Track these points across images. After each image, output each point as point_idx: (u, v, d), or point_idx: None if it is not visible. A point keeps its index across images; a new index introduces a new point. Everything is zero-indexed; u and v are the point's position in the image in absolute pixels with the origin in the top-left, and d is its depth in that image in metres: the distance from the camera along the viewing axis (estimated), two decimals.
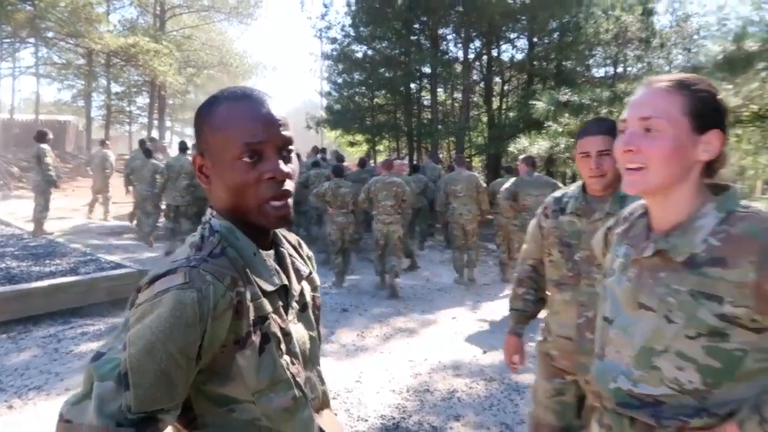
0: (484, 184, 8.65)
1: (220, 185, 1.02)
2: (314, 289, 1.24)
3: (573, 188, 2.21)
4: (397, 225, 7.15)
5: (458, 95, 19.30)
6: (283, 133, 1.00)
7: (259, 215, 1.00)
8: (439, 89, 19.10)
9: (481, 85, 19.23)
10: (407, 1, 16.16)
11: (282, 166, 0.99)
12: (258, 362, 0.96)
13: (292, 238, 1.26)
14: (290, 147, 1.02)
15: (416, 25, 17.69)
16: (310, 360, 1.14)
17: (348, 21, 18.09)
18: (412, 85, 19.26)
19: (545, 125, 7.29)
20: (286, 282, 1.08)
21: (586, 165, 2.04)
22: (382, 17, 16.49)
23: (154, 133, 23.96)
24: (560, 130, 7.21)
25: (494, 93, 19.11)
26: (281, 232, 1.19)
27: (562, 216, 2.16)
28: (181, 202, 9.20)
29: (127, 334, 0.90)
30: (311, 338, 1.15)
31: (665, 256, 1.14)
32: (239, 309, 0.94)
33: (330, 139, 28.35)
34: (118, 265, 6.56)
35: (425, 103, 20.29)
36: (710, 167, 1.17)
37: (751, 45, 4.75)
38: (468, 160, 18.64)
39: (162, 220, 10.01)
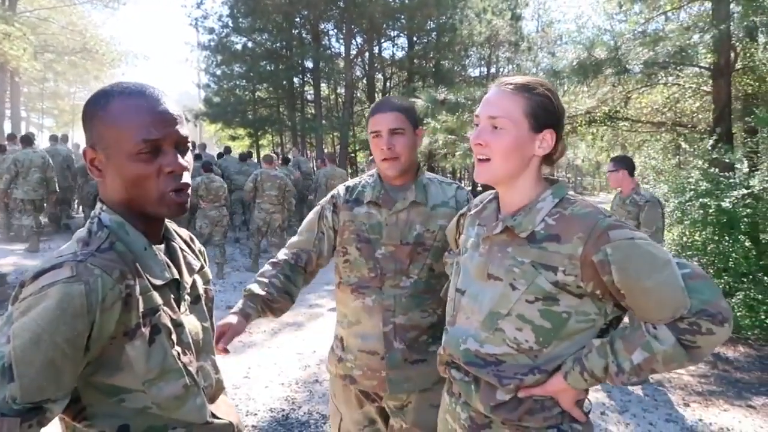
0: None
1: (116, 178, 1.04)
2: (206, 282, 1.28)
3: (366, 177, 1.96)
4: (278, 214, 7.79)
5: (342, 91, 19.43)
6: (180, 130, 1.06)
7: (160, 205, 1.04)
8: (322, 84, 19.10)
9: (364, 81, 19.52)
10: None
11: (180, 160, 1.04)
12: (148, 352, 1.00)
13: (184, 233, 1.29)
14: (187, 143, 1.08)
15: (297, 19, 17.53)
16: (204, 349, 1.17)
17: (226, 11, 17.51)
18: (295, 80, 19.08)
19: (424, 122, 7.63)
20: (177, 276, 1.11)
21: (378, 145, 1.79)
22: (262, 9, 16.15)
23: (7, 125, 21.63)
24: (438, 126, 7.59)
25: (377, 89, 19.48)
26: (173, 227, 1.23)
27: (357, 207, 1.87)
28: (35, 196, 8.81)
29: (10, 328, 0.89)
30: (204, 329, 1.19)
31: (512, 233, 1.31)
32: (128, 301, 0.97)
33: (210, 133, 27.32)
34: None
35: (309, 97, 20.21)
36: (549, 158, 1.36)
37: (599, 53, 5.33)
38: (352, 155, 18.89)
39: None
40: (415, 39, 18.51)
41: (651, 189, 6.16)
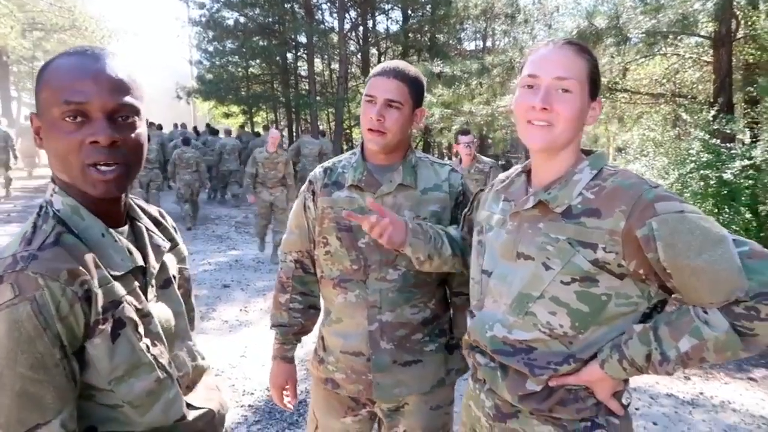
0: None
1: (49, 150, 0.93)
2: (181, 260, 1.20)
3: (346, 155, 1.75)
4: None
5: (336, 66, 19.16)
6: (117, 96, 0.92)
7: (85, 182, 0.92)
8: (316, 60, 18.81)
9: (359, 56, 19.23)
10: None
11: (107, 130, 0.90)
12: (111, 349, 0.91)
13: (153, 210, 1.19)
14: (129, 113, 0.94)
15: None
16: (178, 336, 1.10)
17: None
18: (289, 55, 18.80)
19: None
20: (141, 262, 1.02)
21: (368, 112, 1.56)
22: None
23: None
24: (434, 100, 7.46)
25: (371, 64, 19.21)
26: (139, 204, 1.13)
27: (338, 192, 1.66)
28: None
29: None
30: (177, 314, 1.10)
31: (545, 207, 1.19)
32: (89, 297, 0.89)
33: (203, 110, 27.00)
34: None
35: (302, 73, 19.93)
36: None
37: (599, 22, 5.19)
38: (347, 131, 18.69)
39: None
40: (409, 12, 18.17)
41: (650, 161, 6.08)
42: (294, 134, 20.66)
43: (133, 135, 0.95)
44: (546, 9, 22.11)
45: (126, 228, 1.03)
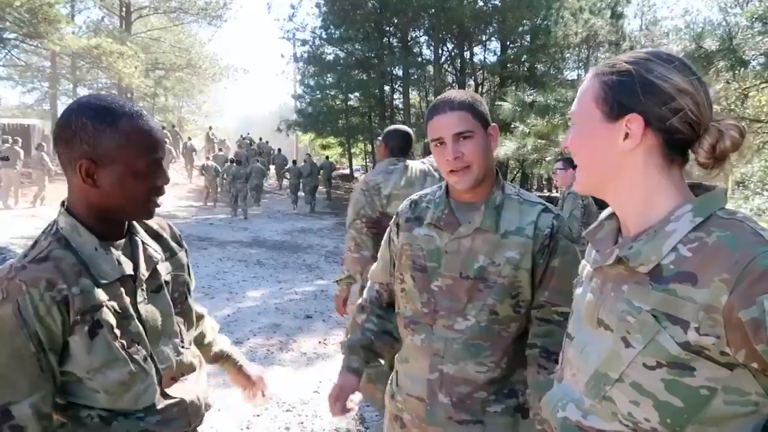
0: None
1: (115, 189, 1.15)
2: (178, 268, 1.37)
3: (435, 188, 1.67)
4: None
5: (432, 98, 19.27)
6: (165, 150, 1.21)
7: (142, 212, 1.21)
8: (413, 92, 19.05)
9: (455, 87, 19.25)
10: (377, 3, 16.08)
11: (168, 175, 1.22)
12: (89, 345, 1.10)
13: (156, 224, 1.38)
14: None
15: (387, 27, 17.62)
16: (165, 333, 1.27)
17: (318, 23, 17.98)
18: (386, 88, 19.19)
19: (512, 126, 7.25)
20: (130, 272, 1.19)
21: (442, 156, 1.48)
22: (353, 19, 16.40)
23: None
24: (527, 131, 7.18)
25: None
26: (143, 223, 1.33)
27: (418, 228, 1.59)
28: None
29: None
30: (165, 315, 1.27)
31: (629, 266, 0.94)
32: (67, 301, 1.08)
33: (304, 142, 28.15)
34: None
35: (399, 105, 20.24)
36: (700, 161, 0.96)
37: (710, 44, 4.73)
38: None
39: None
40: (507, 43, 17.99)
41: None
42: None
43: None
44: (654, 35, 21.09)
45: (122, 241, 1.22)
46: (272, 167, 20.36)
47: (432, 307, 1.51)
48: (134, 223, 1.27)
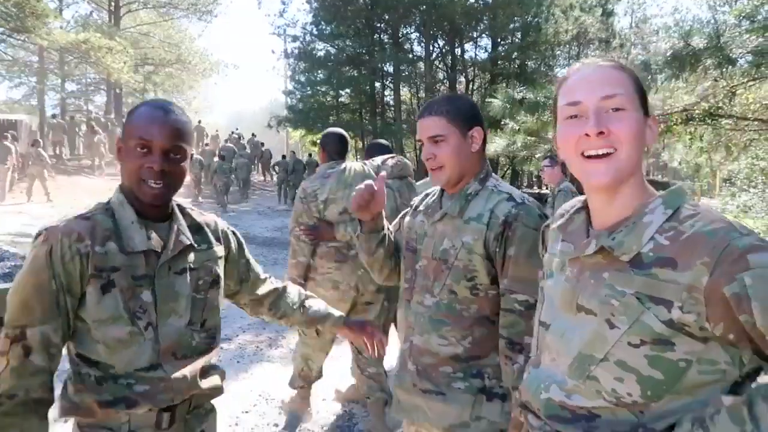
0: None
1: (125, 165, 1.35)
2: (211, 259, 1.50)
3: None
4: None
5: (423, 94, 19.27)
6: (173, 140, 1.32)
7: (139, 191, 1.33)
8: (404, 88, 19.04)
9: (446, 83, 19.25)
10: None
11: (158, 162, 1.30)
12: (99, 298, 1.28)
13: (206, 219, 1.54)
14: (178, 153, 1.34)
15: (379, 24, 17.59)
16: (175, 312, 1.39)
17: (309, 19, 17.93)
18: (377, 84, 19.16)
19: (502, 123, 7.24)
20: (157, 249, 1.36)
21: (423, 156, 1.65)
22: (344, 15, 16.36)
23: (119, 132, 23.32)
24: (517, 128, 7.19)
25: (459, 92, 19.15)
26: (189, 213, 1.49)
27: (418, 216, 1.78)
28: None
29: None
30: (180, 295, 1.40)
31: (609, 255, 1.03)
32: (88, 255, 1.26)
33: (294, 139, 28.05)
34: None
35: (390, 102, 20.22)
36: None
37: (698, 42, 4.75)
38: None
39: None
40: (498, 39, 18.02)
41: (760, 193, 5.48)
42: None
43: (177, 167, 1.35)
44: (644, 33, 21.18)
45: (164, 224, 1.40)
46: (259, 164, 20.40)
47: (411, 284, 1.70)
48: (177, 212, 1.45)
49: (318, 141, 3.37)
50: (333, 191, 3.00)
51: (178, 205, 1.49)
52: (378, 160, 3.32)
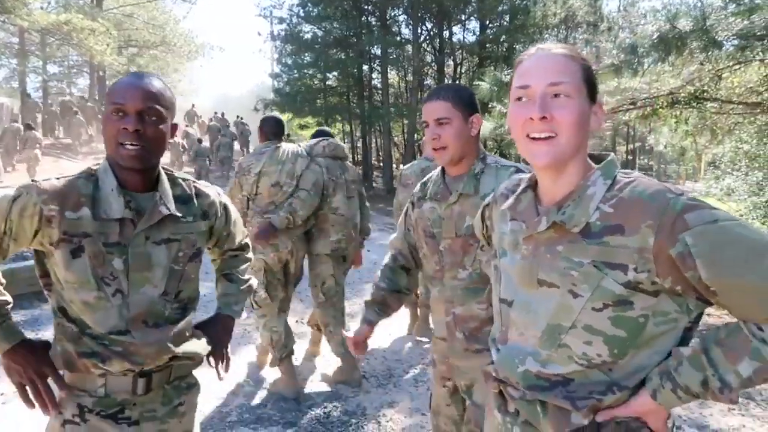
0: None
1: (104, 132, 1.37)
2: (193, 232, 1.51)
3: (435, 171, 2.00)
4: None
5: (410, 77, 19.16)
6: (146, 102, 1.34)
7: (117, 154, 1.35)
8: (392, 72, 18.91)
9: (434, 66, 19.15)
10: None
11: (133, 123, 1.32)
12: (69, 262, 1.32)
13: (207, 191, 1.58)
14: (154, 115, 1.35)
15: (366, 6, 17.41)
16: (148, 282, 1.41)
17: (296, 0, 17.67)
18: (364, 67, 19.01)
19: (490, 106, 7.24)
20: (132, 217, 1.38)
21: (428, 136, 1.82)
22: None
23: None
24: (504, 111, 7.18)
25: (446, 75, 19.06)
26: (182, 183, 1.52)
27: (425, 203, 1.95)
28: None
29: None
30: (155, 265, 1.42)
31: (561, 229, 1.11)
32: (50, 219, 1.31)
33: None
34: None
35: (377, 85, 20.09)
36: None
37: (683, 25, 4.76)
38: (419, 141, 18.62)
39: None
40: (486, 22, 17.92)
41: (743, 176, 5.53)
42: (368, 145, 20.82)
43: (154, 129, 1.35)
44: (632, 16, 21.19)
45: (147, 195, 1.41)
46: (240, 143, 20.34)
47: (441, 265, 1.88)
48: (164, 181, 1.46)
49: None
50: (266, 166, 3.47)
51: (170, 175, 1.50)
52: (312, 142, 3.91)
